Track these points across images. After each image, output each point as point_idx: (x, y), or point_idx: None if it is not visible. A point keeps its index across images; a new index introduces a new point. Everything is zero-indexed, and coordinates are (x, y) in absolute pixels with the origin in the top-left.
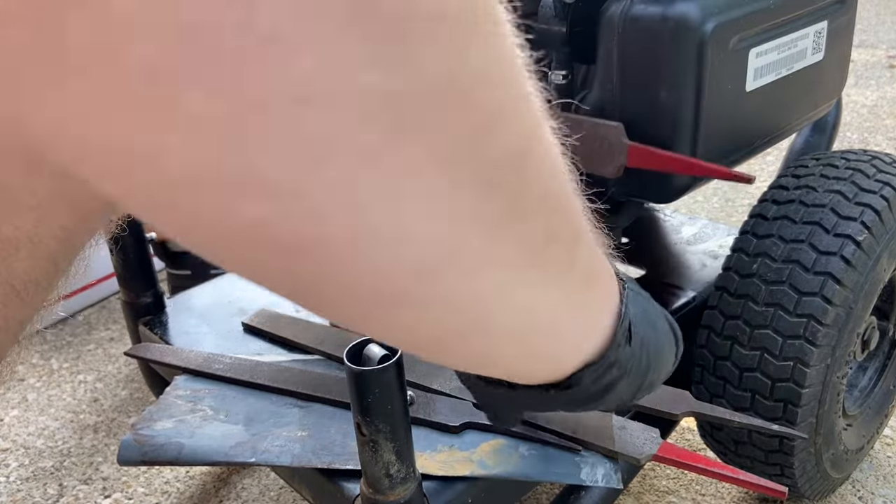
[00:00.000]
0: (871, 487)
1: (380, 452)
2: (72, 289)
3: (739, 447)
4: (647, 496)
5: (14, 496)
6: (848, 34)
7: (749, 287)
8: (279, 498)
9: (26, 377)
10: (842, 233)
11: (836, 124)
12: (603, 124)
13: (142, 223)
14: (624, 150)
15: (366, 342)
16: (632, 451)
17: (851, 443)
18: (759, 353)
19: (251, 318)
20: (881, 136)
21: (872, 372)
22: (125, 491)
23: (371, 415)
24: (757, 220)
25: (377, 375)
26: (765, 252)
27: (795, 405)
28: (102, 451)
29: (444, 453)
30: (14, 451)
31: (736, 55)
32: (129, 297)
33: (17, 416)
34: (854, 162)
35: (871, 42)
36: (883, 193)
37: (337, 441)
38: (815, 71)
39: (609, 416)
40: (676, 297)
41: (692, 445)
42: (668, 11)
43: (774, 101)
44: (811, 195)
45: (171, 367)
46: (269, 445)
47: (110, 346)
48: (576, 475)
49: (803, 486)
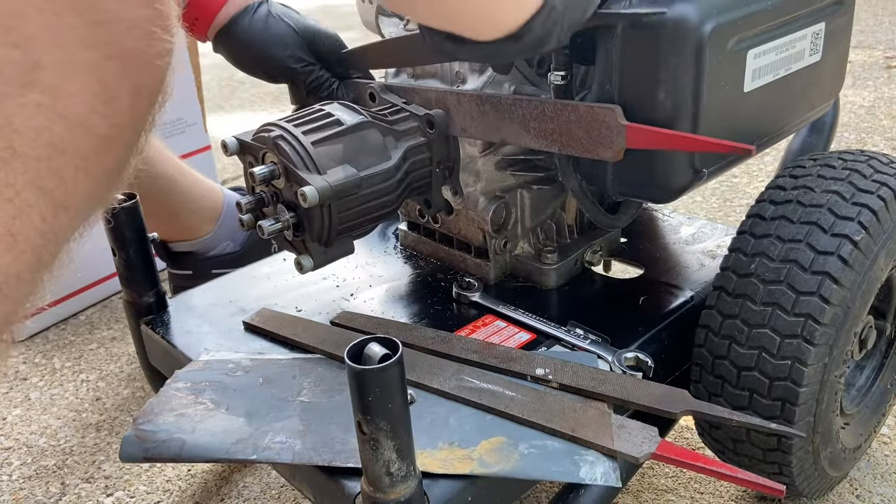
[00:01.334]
0: (868, 486)
1: (380, 451)
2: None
3: (737, 446)
4: (646, 494)
5: (16, 494)
6: (846, 35)
7: (747, 287)
8: (280, 496)
9: (29, 376)
10: (839, 233)
11: (834, 125)
12: (599, 107)
13: (143, 223)
14: (622, 132)
15: (366, 342)
16: (630, 449)
17: (849, 441)
18: (757, 352)
19: (252, 317)
20: (878, 137)
21: (870, 371)
22: (127, 489)
23: (372, 413)
24: (755, 220)
25: (378, 374)
26: (763, 252)
27: (793, 404)
28: (105, 450)
29: (444, 451)
30: (17, 450)
31: (734, 56)
32: (131, 296)
33: (20, 415)
34: (851, 162)
35: (869, 43)
36: (880, 194)
37: (338, 438)
38: (813, 72)
39: (608, 415)
40: (675, 296)
41: (691, 444)
42: (667, 12)
43: (772, 101)
44: (809, 195)
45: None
46: (270, 442)
47: (112, 346)
48: (575, 474)
49: (801, 485)
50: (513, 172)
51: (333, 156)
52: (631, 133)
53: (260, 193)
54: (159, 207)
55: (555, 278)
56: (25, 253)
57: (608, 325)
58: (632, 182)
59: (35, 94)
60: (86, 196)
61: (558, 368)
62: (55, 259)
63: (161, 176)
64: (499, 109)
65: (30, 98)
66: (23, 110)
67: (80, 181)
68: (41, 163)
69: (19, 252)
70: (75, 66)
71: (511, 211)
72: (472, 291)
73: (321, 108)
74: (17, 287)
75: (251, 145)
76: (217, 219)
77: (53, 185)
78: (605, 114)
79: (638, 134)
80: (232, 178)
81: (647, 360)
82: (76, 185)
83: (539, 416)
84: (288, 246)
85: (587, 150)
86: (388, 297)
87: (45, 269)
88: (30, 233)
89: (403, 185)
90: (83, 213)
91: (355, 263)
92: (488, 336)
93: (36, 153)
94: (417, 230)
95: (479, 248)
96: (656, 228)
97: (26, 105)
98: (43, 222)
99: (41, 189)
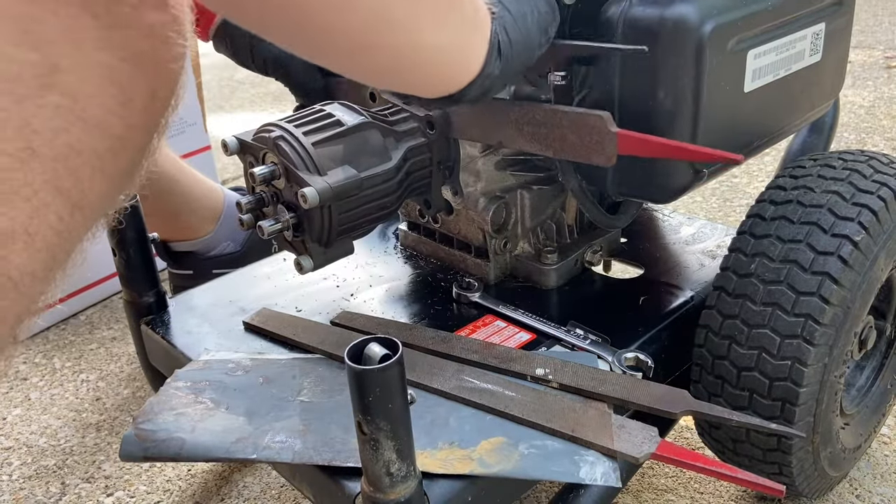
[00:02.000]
0: (868, 486)
1: (380, 451)
2: (74, 288)
3: (737, 446)
4: (646, 494)
5: (17, 494)
6: (846, 36)
7: (747, 287)
8: (280, 496)
9: (29, 376)
10: (839, 233)
11: (834, 125)
12: (589, 114)
13: (144, 223)
14: (613, 139)
15: (366, 342)
16: (630, 449)
17: (849, 441)
18: (757, 352)
19: (252, 317)
20: (878, 137)
21: (870, 371)
22: (127, 489)
23: (372, 413)
24: (755, 220)
25: (378, 374)
26: (763, 252)
27: (793, 404)
28: (105, 450)
29: (444, 451)
30: (17, 450)
31: (734, 56)
32: (131, 296)
33: (20, 415)
34: (851, 162)
35: (869, 43)
36: (880, 194)
37: (338, 437)
38: (813, 72)
39: (608, 415)
40: (675, 296)
41: (691, 444)
42: (666, 13)
43: (772, 102)
44: (809, 196)
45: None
46: (270, 442)
47: (112, 346)
48: (575, 474)
49: (801, 485)
50: (513, 172)
51: (334, 156)
52: (622, 140)
53: (260, 193)
54: (160, 207)
55: (555, 278)
56: (41, 252)
57: (608, 325)
58: (632, 182)
59: (54, 95)
60: (100, 196)
61: (558, 368)
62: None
63: (162, 176)
64: (495, 113)
65: (49, 100)
66: (42, 111)
67: (95, 181)
68: (58, 163)
69: (35, 251)
70: (93, 68)
71: (511, 211)
72: (472, 291)
73: (322, 109)
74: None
75: (251, 145)
76: (218, 219)
77: (70, 185)
78: (595, 121)
79: (629, 141)
80: (232, 178)
81: (647, 360)
82: (92, 185)
83: (539, 416)
84: (288, 246)
85: (581, 156)
86: (388, 297)
87: (59, 268)
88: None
89: (404, 186)
90: (97, 212)
91: (355, 263)
92: (488, 336)
93: (54, 153)
94: (417, 230)
95: (479, 248)
96: (656, 228)
97: (45, 106)
98: (59, 221)
99: (58, 189)
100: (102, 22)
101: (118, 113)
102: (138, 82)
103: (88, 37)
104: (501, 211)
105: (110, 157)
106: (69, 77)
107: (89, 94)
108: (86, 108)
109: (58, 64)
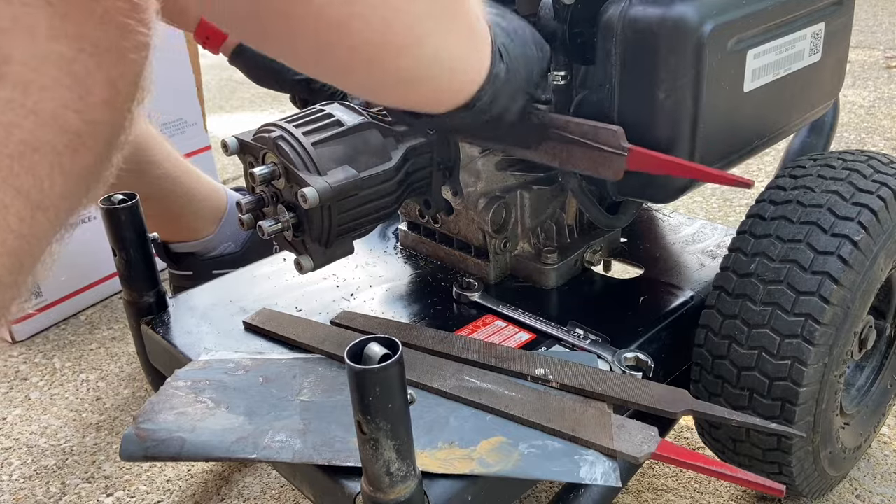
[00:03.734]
0: (868, 486)
1: (380, 451)
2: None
3: (737, 445)
4: (646, 494)
5: (17, 494)
6: (845, 35)
7: (747, 286)
8: (280, 496)
9: (29, 376)
10: (839, 233)
11: (834, 125)
12: (602, 128)
13: (144, 223)
14: (624, 155)
15: (366, 342)
16: (630, 449)
17: (849, 441)
18: (757, 352)
19: (252, 317)
20: (878, 137)
21: (870, 371)
22: (127, 489)
23: (372, 413)
24: (755, 220)
25: (378, 374)
26: (763, 252)
27: (793, 404)
28: (105, 450)
29: (444, 451)
30: (17, 450)
31: (734, 56)
32: (131, 296)
33: (20, 415)
34: (851, 162)
35: (869, 43)
36: (880, 194)
37: (338, 437)
38: (813, 72)
39: (608, 415)
40: (675, 296)
41: (691, 444)
42: (666, 13)
43: (772, 102)
44: (809, 195)
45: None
46: (270, 441)
47: (112, 346)
48: (575, 473)
49: (801, 485)
50: (513, 172)
51: (334, 156)
52: (633, 156)
53: (260, 193)
54: (163, 208)
55: (555, 278)
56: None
57: (608, 325)
58: (632, 182)
59: (5, 89)
60: (63, 195)
61: (558, 368)
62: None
63: (166, 177)
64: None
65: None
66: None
67: (56, 180)
68: (14, 160)
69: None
70: (45, 59)
71: (511, 211)
72: (472, 291)
73: (322, 109)
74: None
75: (251, 145)
76: (220, 220)
77: (29, 185)
78: (608, 135)
79: (639, 158)
80: (232, 178)
81: (647, 360)
82: (52, 184)
83: (539, 416)
84: (288, 246)
85: (588, 168)
86: (388, 297)
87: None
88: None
89: (404, 186)
90: (62, 213)
91: (355, 263)
92: (488, 336)
93: (8, 150)
94: (417, 230)
95: (479, 248)
96: (656, 228)
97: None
98: (21, 223)
99: (17, 189)
100: (57, 10)
101: (75, 107)
102: (96, 74)
103: (42, 25)
104: (501, 211)
105: (70, 153)
106: (21, 69)
107: (42, 87)
108: (38, 102)
109: (9, 55)
